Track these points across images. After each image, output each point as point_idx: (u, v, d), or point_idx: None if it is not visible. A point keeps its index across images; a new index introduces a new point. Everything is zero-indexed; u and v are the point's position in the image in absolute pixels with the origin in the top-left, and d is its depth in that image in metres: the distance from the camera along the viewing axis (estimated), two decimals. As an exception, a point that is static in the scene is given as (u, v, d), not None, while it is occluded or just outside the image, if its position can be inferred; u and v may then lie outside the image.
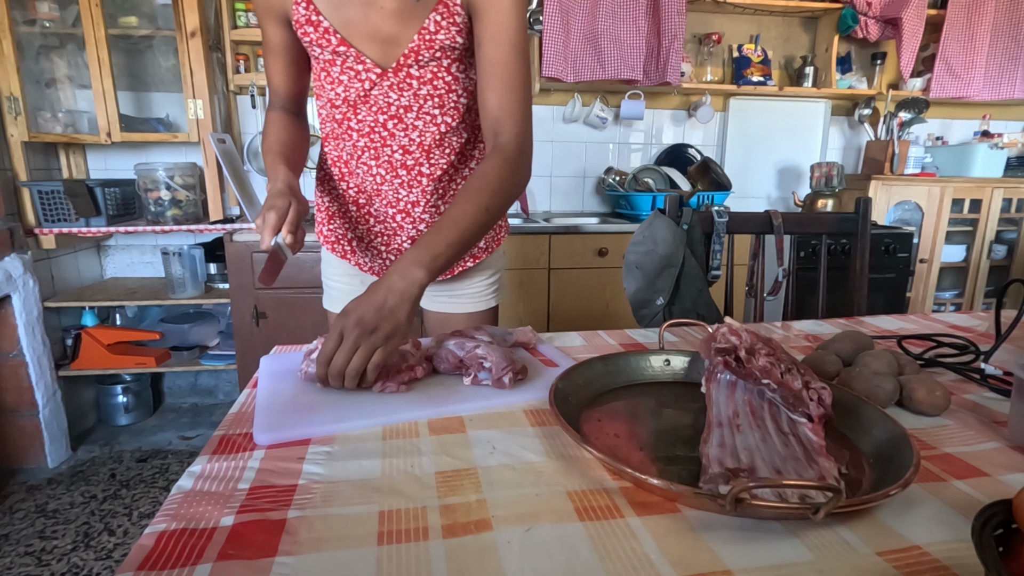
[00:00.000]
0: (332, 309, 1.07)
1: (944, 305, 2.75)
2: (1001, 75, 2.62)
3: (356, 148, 0.89)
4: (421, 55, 0.81)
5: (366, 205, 0.95)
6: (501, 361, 0.67)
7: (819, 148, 2.80)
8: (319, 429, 0.57)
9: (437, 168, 0.90)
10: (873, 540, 0.41)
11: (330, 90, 0.86)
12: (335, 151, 0.93)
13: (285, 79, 0.92)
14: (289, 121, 0.94)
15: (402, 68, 0.82)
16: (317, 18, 0.80)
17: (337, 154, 0.93)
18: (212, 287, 2.24)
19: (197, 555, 0.39)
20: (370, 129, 0.87)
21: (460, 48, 0.83)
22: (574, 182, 2.71)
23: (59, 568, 1.49)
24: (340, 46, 0.81)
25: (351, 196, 0.96)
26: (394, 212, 0.93)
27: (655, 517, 0.44)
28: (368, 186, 0.93)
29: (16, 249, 1.86)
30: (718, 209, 1.27)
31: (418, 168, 0.89)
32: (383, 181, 0.91)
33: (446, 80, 0.84)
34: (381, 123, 0.86)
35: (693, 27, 2.57)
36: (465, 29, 0.81)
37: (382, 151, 0.88)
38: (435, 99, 0.85)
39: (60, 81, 2.13)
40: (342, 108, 0.86)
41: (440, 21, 0.79)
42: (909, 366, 0.69)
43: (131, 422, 2.32)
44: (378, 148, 0.88)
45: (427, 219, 0.94)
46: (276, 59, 0.90)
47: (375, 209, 0.95)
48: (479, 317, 1.04)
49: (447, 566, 0.39)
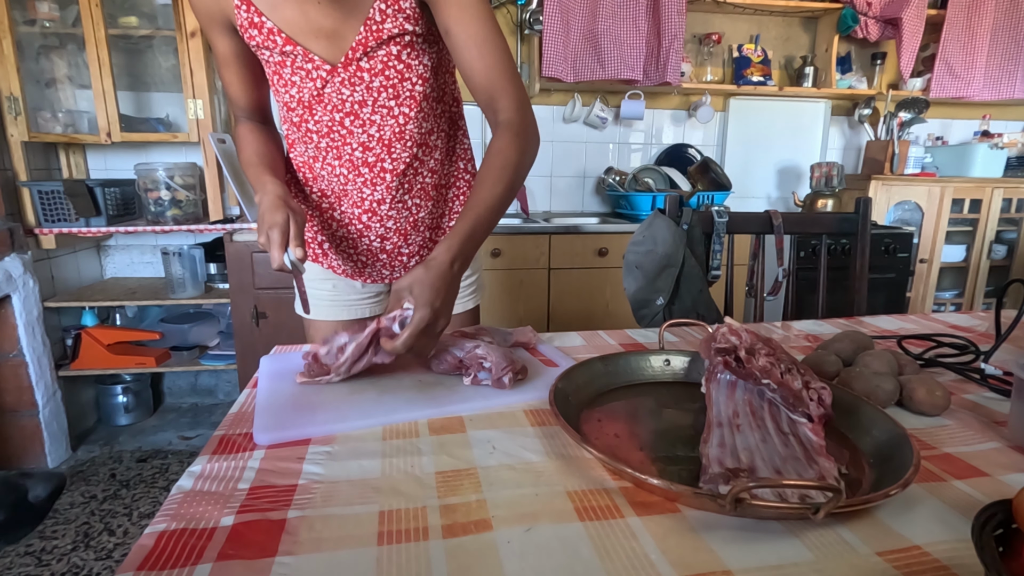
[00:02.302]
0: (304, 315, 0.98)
1: (944, 305, 2.75)
2: (1001, 75, 2.62)
3: (319, 150, 0.87)
4: (369, 46, 0.79)
5: (334, 207, 0.93)
6: (501, 361, 0.67)
7: (819, 148, 2.80)
8: (319, 429, 0.57)
9: (400, 162, 0.87)
10: (873, 540, 0.41)
11: (284, 93, 0.84)
12: (299, 155, 0.91)
13: (243, 89, 0.89)
14: (260, 131, 0.92)
15: (351, 62, 0.80)
16: (260, 19, 0.78)
17: (302, 159, 0.91)
18: (212, 287, 2.24)
19: (197, 555, 0.39)
20: (328, 129, 0.85)
21: (410, 34, 0.80)
22: (574, 182, 2.71)
23: (59, 568, 1.49)
24: (287, 45, 0.79)
25: (316, 199, 0.93)
26: (360, 212, 0.91)
27: (655, 517, 0.44)
28: (334, 187, 0.90)
29: (16, 249, 1.86)
30: (718, 209, 1.27)
31: (380, 164, 0.87)
32: (347, 181, 0.88)
33: (398, 69, 0.81)
34: (338, 121, 0.84)
35: (693, 27, 2.57)
36: (413, 16, 0.79)
37: (343, 150, 0.86)
38: (389, 90, 0.82)
39: (60, 81, 2.13)
40: (298, 110, 0.84)
41: (385, 10, 0.77)
42: (909, 366, 0.69)
43: (131, 422, 2.32)
44: (339, 147, 0.86)
45: (394, 215, 0.91)
46: (230, 70, 0.87)
47: (343, 210, 0.92)
48: (460, 319, 1.04)
49: (447, 566, 0.39)
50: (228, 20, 0.81)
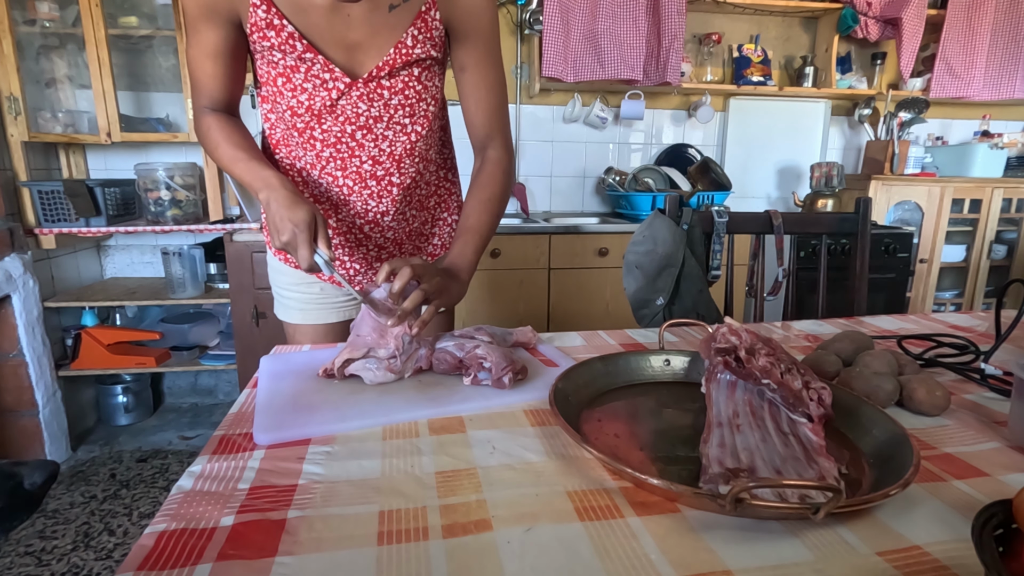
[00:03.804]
0: (289, 320, 0.99)
1: (944, 305, 2.75)
2: (1001, 75, 2.62)
3: (320, 159, 0.85)
4: (395, 67, 0.80)
5: (328, 216, 0.91)
6: (501, 361, 0.67)
7: (819, 148, 2.80)
8: (319, 429, 0.57)
9: (407, 177, 0.89)
10: (873, 540, 0.41)
11: (291, 97, 0.81)
12: (290, 159, 0.88)
13: (223, 83, 0.83)
14: (235, 124, 0.86)
15: (373, 79, 0.80)
16: (280, 22, 0.75)
17: (292, 163, 0.88)
18: (212, 287, 2.24)
19: (197, 555, 0.39)
20: (336, 139, 0.83)
21: (432, 59, 0.83)
22: (574, 182, 2.71)
23: (59, 568, 1.49)
24: (306, 52, 0.77)
25: None
26: (362, 223, 0.91)
27: (655, 517, 0.44)
28: (332, 197, 0.89)
29: (16, 249, 1.86)
30: (718, 209, 1.27)
31: (388, 178, 0.87)
32: (350, 192, 0.88)
33: (416, 89, 0.83)
34: (349, 133, 0.83)
35: (693, 27, 2.57)
36: (439, 44, 0.82)
37: (350, 162, 0.85)
38: (406, 108, 0.84)
39: (60, 81, 2.13)
40: (304, 117, 0.82)
41: (417, 36, 0.79)
42: (909, 366, 0.69)
43: (131, 422, 2.32)
44: (345, 159, 0.85)
45: (394, 227, 0.93)
46: (214, 62, 0.81)
47: (339, 219, 0.91)
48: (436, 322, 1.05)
49: (447, 566, 0.39)
50: (232, 14, 0.77)
